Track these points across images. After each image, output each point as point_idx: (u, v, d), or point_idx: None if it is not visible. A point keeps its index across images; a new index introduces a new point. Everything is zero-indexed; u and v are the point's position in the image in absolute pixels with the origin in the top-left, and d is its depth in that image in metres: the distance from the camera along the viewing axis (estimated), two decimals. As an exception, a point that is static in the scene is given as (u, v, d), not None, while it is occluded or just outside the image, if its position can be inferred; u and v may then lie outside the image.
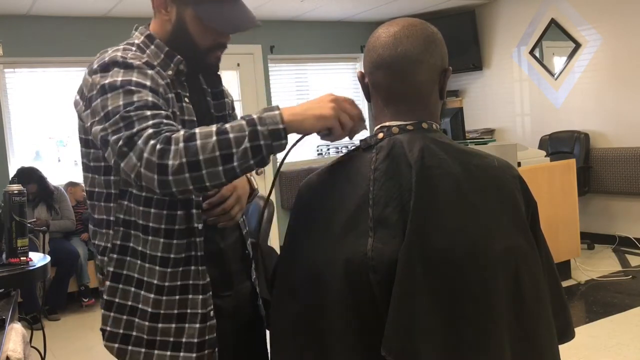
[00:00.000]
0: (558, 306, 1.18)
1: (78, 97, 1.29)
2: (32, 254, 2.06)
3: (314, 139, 5.10)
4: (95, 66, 1.25)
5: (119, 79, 1.20)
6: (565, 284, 4.38)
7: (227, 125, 1.11)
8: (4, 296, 1.98)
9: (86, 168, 1.35)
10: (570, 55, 5.84)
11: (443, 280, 1.02)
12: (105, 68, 1.23)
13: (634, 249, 5.36)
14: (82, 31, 5.52)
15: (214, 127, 1.11)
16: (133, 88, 1.18)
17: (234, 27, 1.32)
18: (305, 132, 1.16)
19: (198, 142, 1.08)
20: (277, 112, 1.13)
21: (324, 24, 6.71)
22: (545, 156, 4.66)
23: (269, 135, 1.10)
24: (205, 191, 1.16)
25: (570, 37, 5.81)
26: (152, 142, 1.09)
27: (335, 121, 1.14)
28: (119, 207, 1.29)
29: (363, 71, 1.21)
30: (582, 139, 5.66)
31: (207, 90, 1.47)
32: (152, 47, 1.33)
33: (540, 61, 6.15)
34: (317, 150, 6.79)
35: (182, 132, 1.10)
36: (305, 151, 6.64)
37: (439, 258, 1.02)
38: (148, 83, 1.21)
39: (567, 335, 1.20)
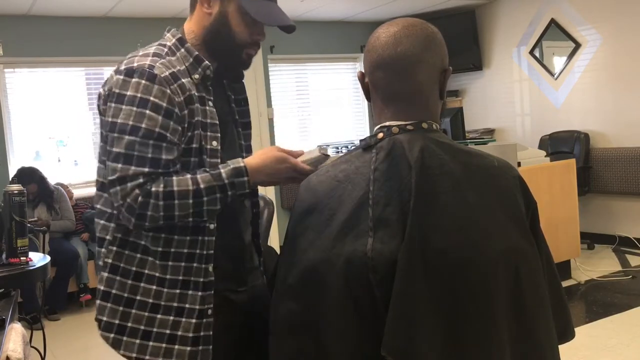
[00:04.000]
0: (558, 306, 1.17)
1: (101, 91, 1.35)
2: (32, 254, 2.06)
3: (314, 139, 5.13)
4: (122, 67, 1.31)
5: (138, 95, 1.27)
6: (565, 284, 4.38)
7: (202, 186, 1.27)
8: (4, 296, 1.98)
9: (99, 159, 1.40)
10: (570, 55, 5.84)
11: (443, 280, 1.02)
12: (130, 74, 1.29)
13: (634, 249, 5.36)
14: (82, 31, 5.52)
15: (190, 186, 1.26)
16: (147, 112, 1.26)
17: (277, 20, 1.39)
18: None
19: (175, 201, 1.25)
20: (245, 179, 1.31)
21: (324, 24, 6.71)
22: (545, 156, 4.66)
23: (237, 196, 1.32)
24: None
25: (570, 37, 5.81)
26: (136, 191, 1.24)
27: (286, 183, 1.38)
28: None
29: (363, 71, 1.21)
30: (582, 139, 5.66)
31: (230, 97, 1.54)
32: (182, 50, 1.38)
33: (540, 61, 6.15)
34: (317, 150, 6.79)
35: (161, 188, 1.25)
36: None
37: (438, 258, 1.02)
38: (164, 104, 1.28)
39: (567, 335, 1.20)
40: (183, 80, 1.33)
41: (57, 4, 5.04)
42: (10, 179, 4.81)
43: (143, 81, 1.27)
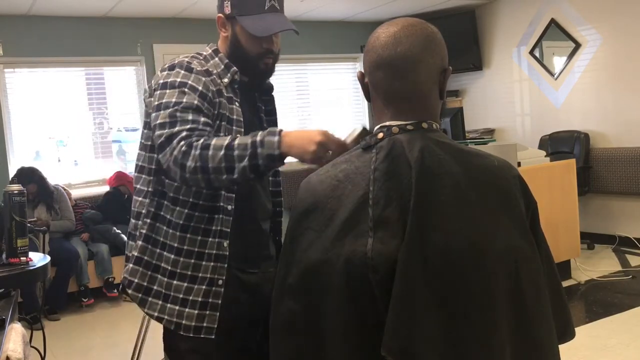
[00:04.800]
0: (558, 306, 1.17)
1: (147, 87, 1.60)
2: (32, 254, 2.06)
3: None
4: (166, 65, 1.57)
5: (178, 79, 1.51)
6: (565, 284, 4.38)
7: (236, 142, 1.37)
8: (4, 296, 1.97)
9: (140, 146, 1.63)
10: (570, 55, 5.84)
11: (443, 280, 1.02)
12: (172, 68, 1.55)
13: (634, 249, 5.35)
14: (82, 31, 5.52)
15: (226, 141, 1.37)
16: (186, 90, 1.49)
17: (271, 30, 1.58)
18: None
19: (210, 152, 1.36)
20: (276, 138, 1.36)
21: (324, 24, 6.71)
22: (545, 156, 4.66)
23: (266, 157, 1.35)
24: (215, 190, 1.51)
25: (570, 37, 5.81)
26: (182, 143, 1.39)
27: (313, 160, 1.35)
28: (157, 180, 1.58)
29: (363, 71, 1.21)
30: (582, 139, 5.66)
31: (261, 108, 1.75)
32: (216, 59, 1.63)
33: (540, 61, 6.15)
34: (317, 150, 6.79)
35: (201, 141, 1.38)
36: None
37: (438, 258, 1.02)
38: (200, 88, 1.51)
39: (567, 335, 1.20)
40: (215, 77, 1.57)
41: (57, 4, 5.04)
42: (10, 179, 4.81)
43: (182, 71, 1.52)
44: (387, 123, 1.16)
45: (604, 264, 4.96)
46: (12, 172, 5.13)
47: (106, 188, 5.51)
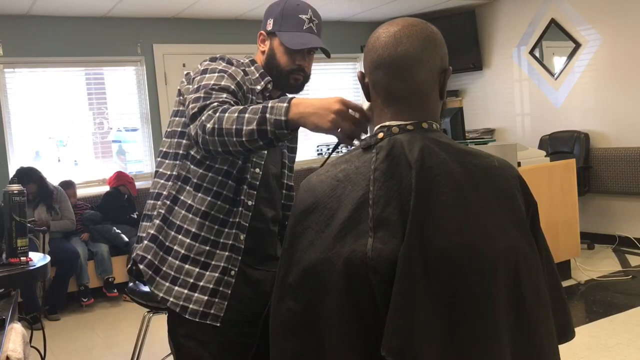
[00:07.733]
0: (558, 306, 1.18)
1: (184, 78, 1.68)
2: (32, 254, 2.06)
3: (314, 139, 5.13)
4: (208, 57, 1.66)
5: (219, 67, 1.60)
6: (565, 284, 4.38)
7: (251, 107, 1.38)
8: (4, 296, 1.97)
9: (166, 135, 1.72)
10: (570, 55, 5.84)
11: (443, 281, 1.02)
12: (213, 59, 1.65)
13: (634, 249, 5.35)
14: (82, 31, 5.52)
15: (244, 106, 1.40)
16: (225, 76, 1.57)
17: (305, 44, 1.68)
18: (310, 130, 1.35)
19: (226, 114, 1.38)
20: (285, 105, 1.33)
21: (324, 24, 6.66)
22: (545, 156, 4.66)
23: (274, 124, 1.33)
24: (232, 156, 1.50)
25: (570, 37, 5.81)
26: (211, 111, 1.42)
27: (333, 131, 1.30)
28: (182, 165, 1.64)
29: (363, 71, 1.21)
30: (582, 139, 5.66)
31: None
32: (252, 68, 1.73)
33: (540, 61, 6.15)
34: (317, 150, 6.79)
35: (225, 106, 1.42)
36: (305, 151, 6.64)
37: (438, 258, 1.02)
38: (238, 78, 1.61)
39: (567, 335, 1.20)
40: (250, 78, 1.67)
41: (57, 4, 5.04)
42: (10, 179, 4.81)
43: (224, 62, 1.63)
44: (387, 123, 1.16)
45: (604, 264, 4.96)
46: (12, 172, 5.13)
47: (106, 188, 5.50)
